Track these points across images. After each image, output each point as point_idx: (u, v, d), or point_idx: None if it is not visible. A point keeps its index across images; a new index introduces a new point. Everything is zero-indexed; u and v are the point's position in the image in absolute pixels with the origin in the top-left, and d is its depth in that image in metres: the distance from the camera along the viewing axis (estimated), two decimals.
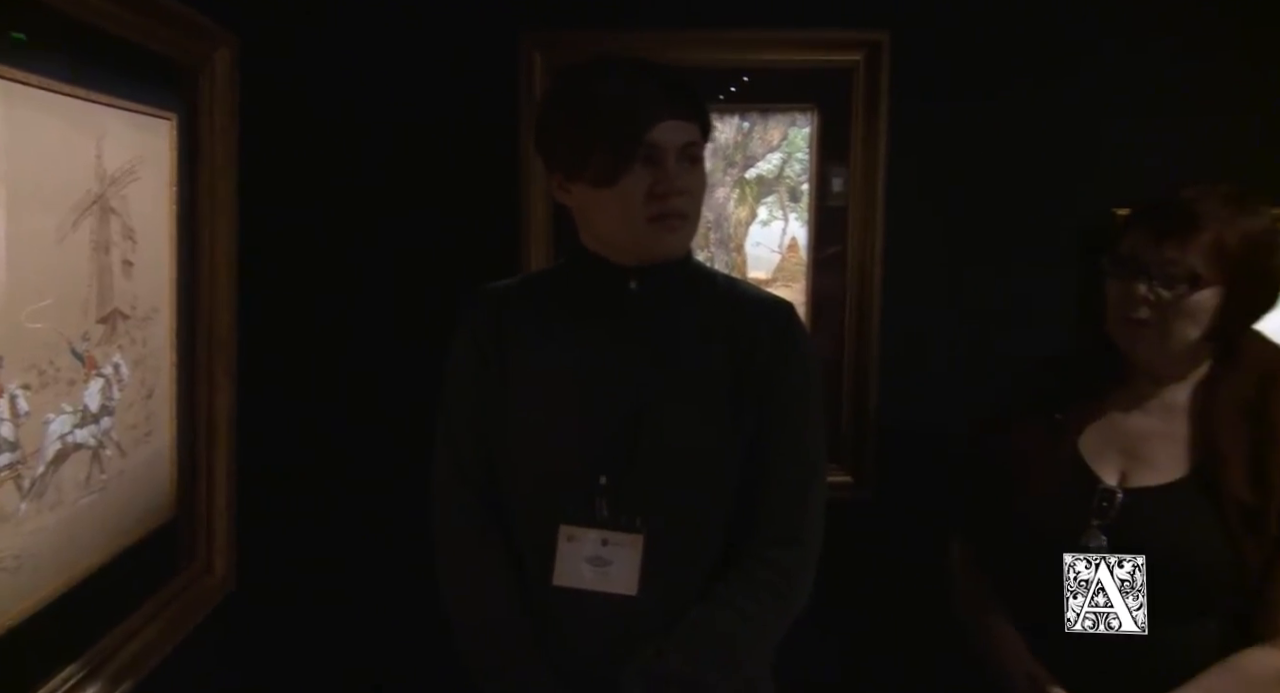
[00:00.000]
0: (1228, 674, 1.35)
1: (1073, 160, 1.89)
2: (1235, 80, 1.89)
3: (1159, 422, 1.47)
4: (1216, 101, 1.89)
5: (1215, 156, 1.88)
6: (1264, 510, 1.35)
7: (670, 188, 1.28)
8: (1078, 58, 1.87)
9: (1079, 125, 1.88)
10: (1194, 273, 1.39)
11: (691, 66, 1.77)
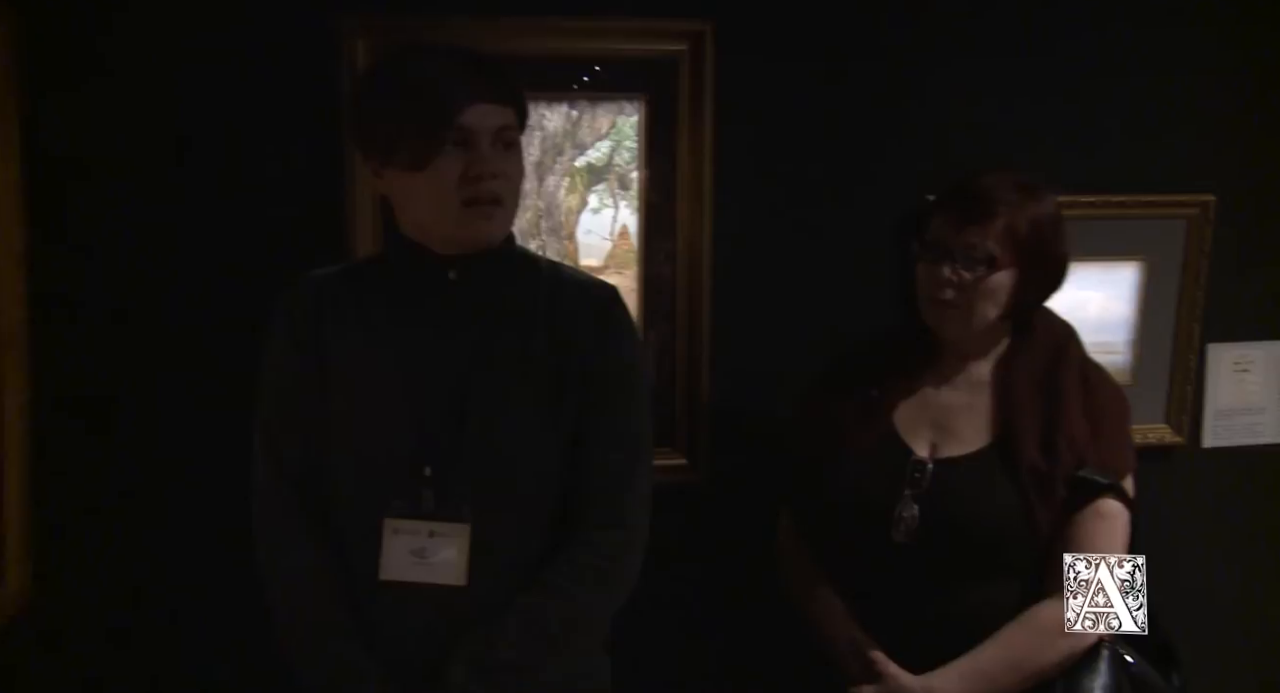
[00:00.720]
0: (1023, 627, 1.45)
1: (897, 146, 1.97)
2: (1045, 70, 2.01)
3: (965, 396, 1.57)
4: (1035, 90, 2.01)
5: (1024, 144, 2.00)
6: (1053, 476, 1.46)
7: (484, 171, 1.27)
8: (904, 45, 1.95)
9: (902, 112, 1.96)
10: (991, 256, 1.48)
11: (515, 55, 1.76)
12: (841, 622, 1.54)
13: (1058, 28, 2.01)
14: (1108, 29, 2.03)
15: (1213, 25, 2.07)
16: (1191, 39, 2.06)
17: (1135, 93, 2.06)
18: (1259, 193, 2.14)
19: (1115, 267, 2.10)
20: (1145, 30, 2.04)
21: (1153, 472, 2.19)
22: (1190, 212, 2.09)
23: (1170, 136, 2.08)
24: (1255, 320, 2.19)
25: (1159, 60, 2.06)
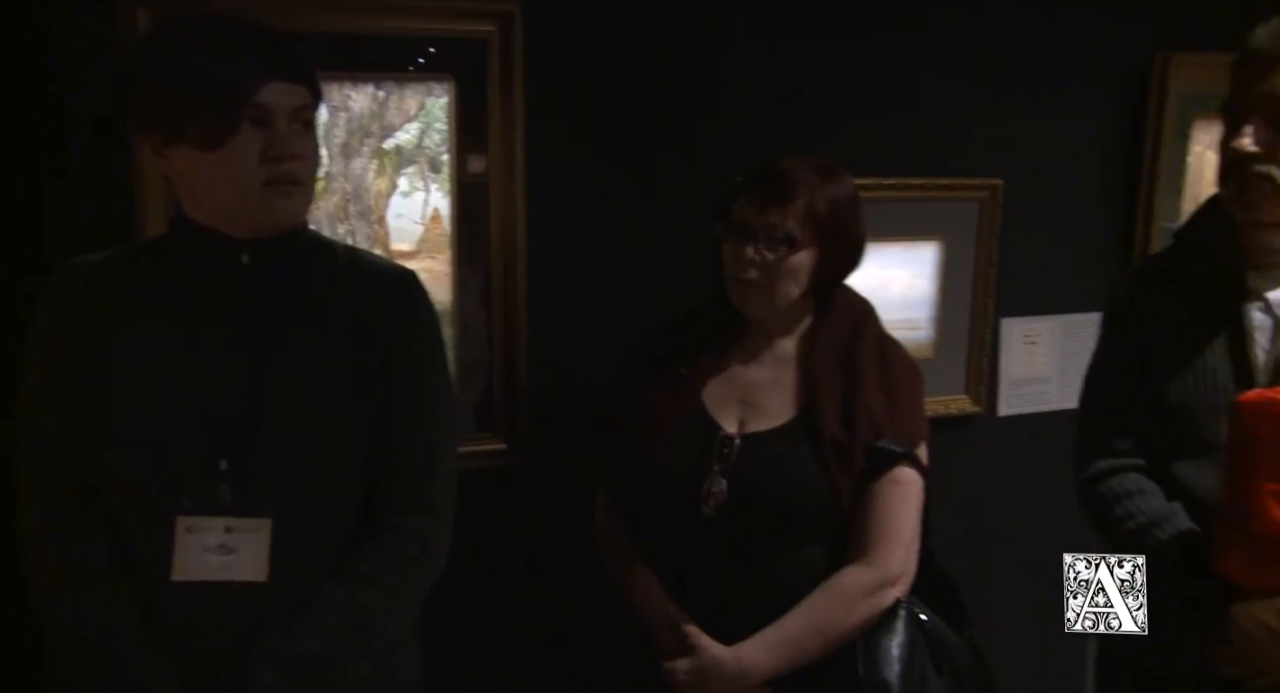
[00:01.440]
0: (826, 594, 1.50)
1: (711, 126, 2.00)
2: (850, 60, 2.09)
3: (771, 372, 1.61)
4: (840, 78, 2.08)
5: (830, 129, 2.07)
6: (852, 446, 1.52)
7: (284, 151, 1.23)
8: (715, 31, 1.98)
9: (713, 96, 2.00)
10: (792, 236, 1.53)
11: (316, 32, 1.70)
12: (657, 598, 1.57)
13: (862, 18, 2.09)
14: (908, 21, 2.13)
15: (1001, 20, 2.20)
16: (981, 33, 2.18)
17: (932, 82, 2.17)
18: (1042, 177, 2.29)
19: (916, 246, 2.21)
20: (940, 23, 2.15)
21: (955, 439, 2.34)
22: (981, 194, 2.21)
23: (963, 124, 2.20)
24: (1042, 296, 2.35)
25: (953, 52, 2.17)
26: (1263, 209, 1.41)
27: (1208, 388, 1.45)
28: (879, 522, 1.52)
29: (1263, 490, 1.28)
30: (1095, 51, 2.28)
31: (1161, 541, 1.45)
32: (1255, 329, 1.44)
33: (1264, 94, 1.38)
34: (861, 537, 1.53)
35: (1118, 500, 1.52)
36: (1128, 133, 2.33)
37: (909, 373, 1.62)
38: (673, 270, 1.98)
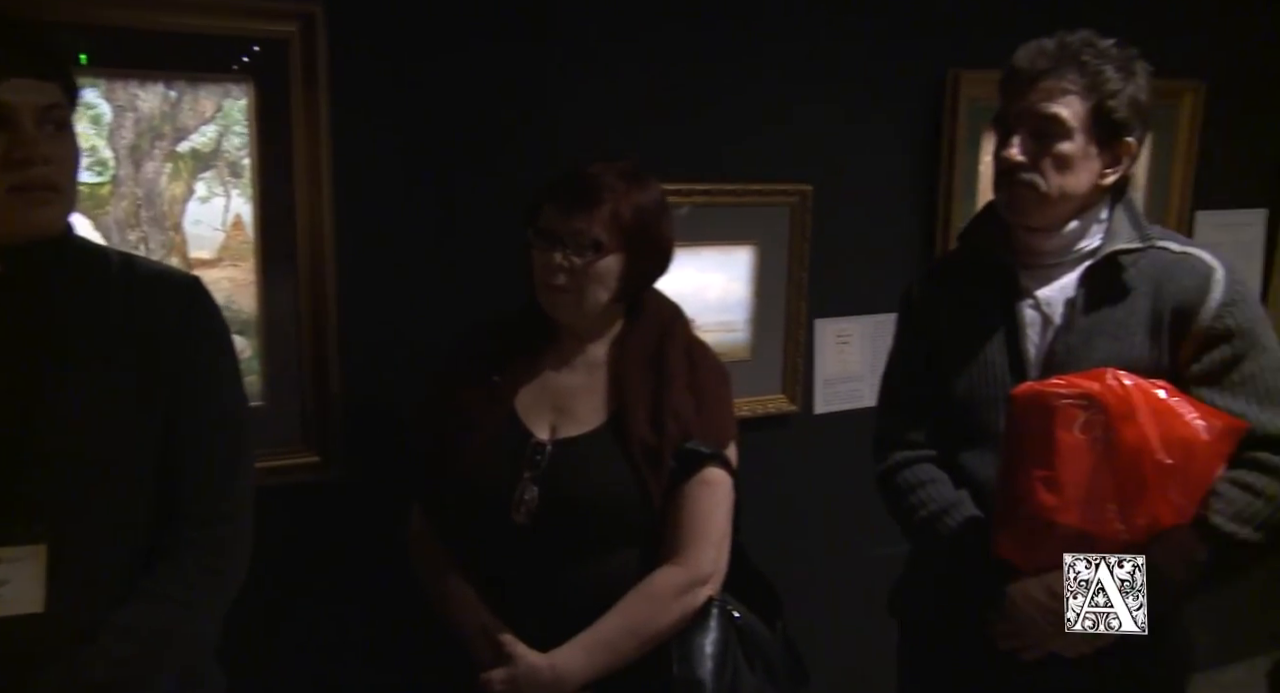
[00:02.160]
0: (639, 595, 1.52)
1: (523, 130, 2.00)
2: (667, 68, 2.12)
3: (583, 377, 1.62)
4: (657, 85, 2.11)
5: (646, 135, 2.10)
6: (661, 449, 1.54)
7: (32, 154, 1.15)
8: (527, 35, 1.98)
9: (527, 101, 2.00)
10: (598, 241, 1.54)
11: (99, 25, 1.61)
12: (471, 608, 1.55)
13: (676, 25, 2.13)
14: (720, 28, 2.18)
15: (810, 31, 2.28)
16: (791, 42, 2.26)
17: (744, 90, 2.23)
18: (850, 183, 2.39)
19: (732, 250, 2.27)
20: (751, 31, 2.22)
21: (774, 437, 2.41)
22: (792, 200, 2.29)
23: (775, 131, 2.28)
24: (853, 297, 2.45)
25: (764, 61, 2.24)
26: (1029, 214, 1.51)
27: (988, 381, 1.55)
28: (689, 522, 1.55)
29: (1032, 476, 1.37)
30: (897, 64, 2.40)
31: (949, 527, 1.54)
32: (1027, 325, 1.54)
33: (1026, 109, 1.49)
34: (673, 538, 1.55)
35: (911, 491, 1.60)
36: (927, 141, 2.46)
37: (716, 375, 1.66)
38: (489, 276, 1.97)
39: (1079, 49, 1.48)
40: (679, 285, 2.18)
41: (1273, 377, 1.44)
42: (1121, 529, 1.36)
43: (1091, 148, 1.48)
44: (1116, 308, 1.49)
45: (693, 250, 2.22)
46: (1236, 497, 1.39)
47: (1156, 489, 1.34)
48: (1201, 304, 1.45)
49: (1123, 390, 1.34)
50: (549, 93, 2.02)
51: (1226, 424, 1.37)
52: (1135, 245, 1.50)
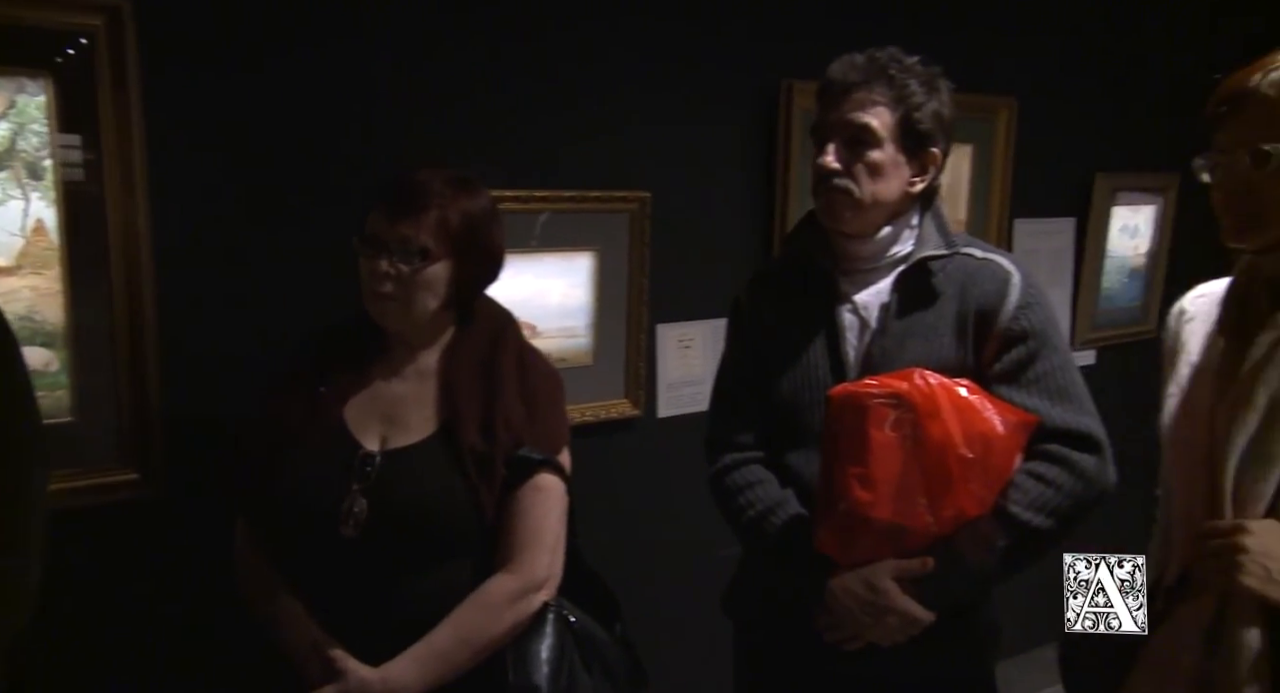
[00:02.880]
0: (472, 604, 1.51)
1: (356, 131, 1.95)
2: (504, 77, 2.11)
3: (414, 386, 1.60)
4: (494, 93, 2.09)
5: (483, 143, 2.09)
6: (492, 456, 1.53)
7: None
8: (357, 26, 1.93)
9: (358, 98, 1.95)
10: (425, 248, 1.52)
11: None
12: (300, 625, 1.50)
13: (515, 32, 2.13)
14: (560, 38, 2.19)
15: (650, 41, 2.31)
16: (630, 50, 2.29)
17: (583, 98, 2.24)
18: (689, 190, 2.43)
19: (573, 257, 2.28)
20: (591, 40, 2.23)
21: (618, 441, 2.43)
22: (631, 206, 2.32)
23: (613, 139, 2.30)
24: (694, 301, 2.50)
25: (602, 70, 2.26)
26: (844, 219, 1.57)
27: (810, 384, 1.60)
28: (522, 529, 1.55)
29: (848, 474, 1.43)
30: (733, 74, 2.45)
31: (775, 526, 1.59)
32: (846, 329, 1.61)
33: (839, 119, 1.55)
34: (506, 545, 1.55)
35: (740, 491, 1.64)
36: (763, 149, 2.53)
37: (549, 381, 1.66)
38: (319, 282, 1.91)
39: (886, 64, 1.55)
40: (519, 292, 2.19)
41: (1062, 375, 1.54)
42: (931, 521, 1.43)
43: (900, 157, 1.56)
44: (926, 311, 1.57)
45: (533, 257, 2.22)
46: (1031, 487, 1.48)
47: (960, 482, 1.41)
48: (1001, 307, 1.54)
49: (928, 389, 1.41)
50: (382, 96, 1.98)
51: (1020, 419, 1.45)
52: (942, 252, 1.58)
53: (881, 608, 1.48)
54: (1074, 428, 1.51)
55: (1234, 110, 1.30)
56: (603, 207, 2.28)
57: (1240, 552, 1.24)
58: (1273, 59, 1.29)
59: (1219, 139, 1.32)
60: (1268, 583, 1.23)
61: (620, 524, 2.44)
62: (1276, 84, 1.26)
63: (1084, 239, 3.19)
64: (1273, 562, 1.23)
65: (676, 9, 2.34)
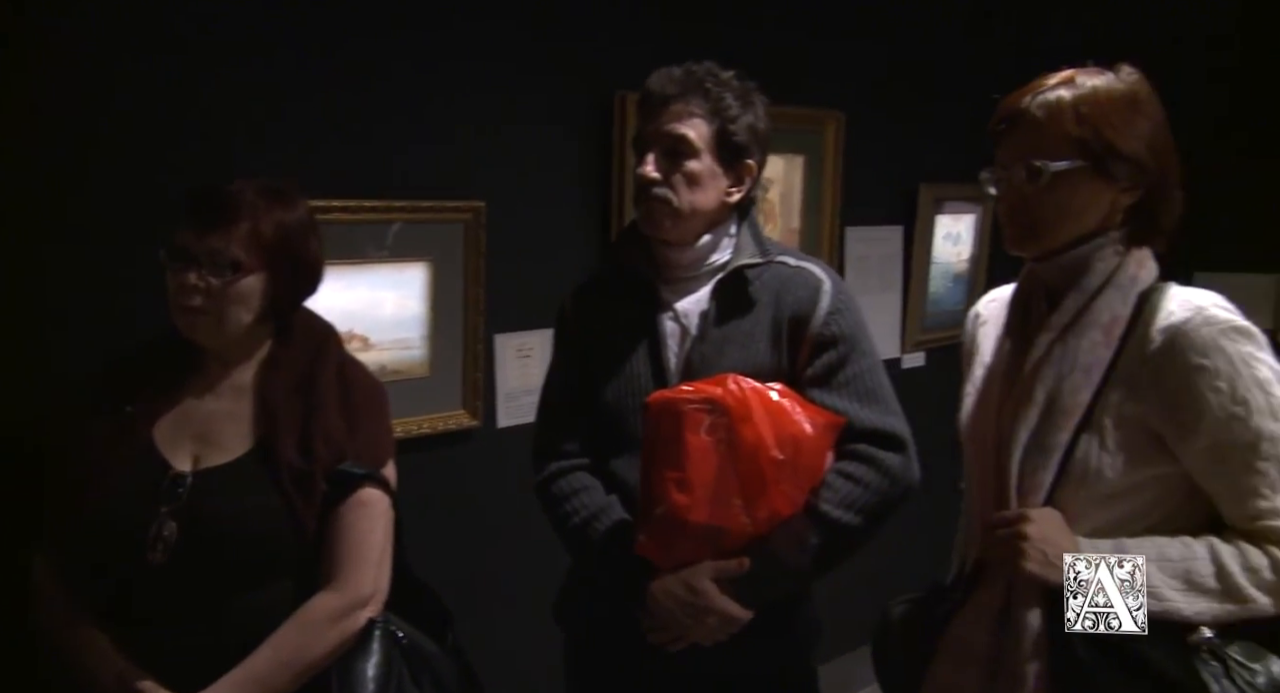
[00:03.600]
0: (293, 625, 1.47)
1: (168, 130, 1.88)
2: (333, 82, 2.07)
3: (228, 403, 1.55)
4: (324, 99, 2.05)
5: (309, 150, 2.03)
6: (312, 473, 1.50)
7: None
8: (175, 32, 1.86)
9: (180, 106, 1.88)
10: (236, 260, 1.48)
11: None
12: (105, 657, 1.44)
13: (350, 44, 2.09)
14: (389, 45, 2.16)
15: (484, 49, 2.31)
16: (462, 59, 2.28)
17: (415, 107, 2.22)
18: (525, 199, 2.44)
19: (405, 267, 2.25)
20: (423, 49, 2.21)
21: (457, 453, 2.41)
22: (465, 216, 2.31)
23: (446, 148, 2.28)
24: (532, 311, 2.50)
25: (434, 79, 2.24)
26: (664, 228, 1.62)
27: (633, 391, 1.64)
28: (345, 546, 1.52)
29: (666, 478, 1.46)
30: (568, 85, 2.48)
31: (599, 531, 1.61)
32: (667, 336, 1.65)
33: (657, 130, 1.60)
34: (328, 563, 1.52)
35: (566, 499, 1.66)
36: (599, 160, 2.56)
37: (372, 393, 1.64)
38: (129, 296, 1.83)
39: (703, 77, 1.60)
40: (351, 304, 2.15)
41: (870, 377, 1.62)
42: (747, 523, 1.48)
43: (717, 167, 1.61)
44: (744, 318, 1.62)
45: (365, 268, 2.18)
46: (841, 486, 1.55)
47: (773, 483, 1.47)
48: (813, 313, 1.61)
49: (741, 394, 1.46)
50: (201, 100, 1.91)
51: (828, 420, 1.52)
52: (758, 260, 1.64)
53: (701, 609, 1.52)
54: (880, 428, 1.58)
55: (1010, 129, 1.39)
56: (436, 216, 2.26)
57: (1022, 539, 1.33)
58: (1042, 81, 1.39)
59: (999, 155, 1.42)
60: (1046, 567, 1.32)
61: (460, 535, 2.42)
62: (1044, 105, 1.36)
63: (911, 246, 3.35)
64: (1050, 547, 1.33)
65: (510, 18, 2.35)
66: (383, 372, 2.21)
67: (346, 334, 2.13)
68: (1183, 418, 1.31)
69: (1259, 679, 1.26)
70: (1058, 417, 1.36)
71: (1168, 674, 1.27)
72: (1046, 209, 1.37)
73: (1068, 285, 1.40)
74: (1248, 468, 1.29)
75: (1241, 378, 1.29)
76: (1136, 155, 1.35)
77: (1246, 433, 1.28)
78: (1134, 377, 1.34)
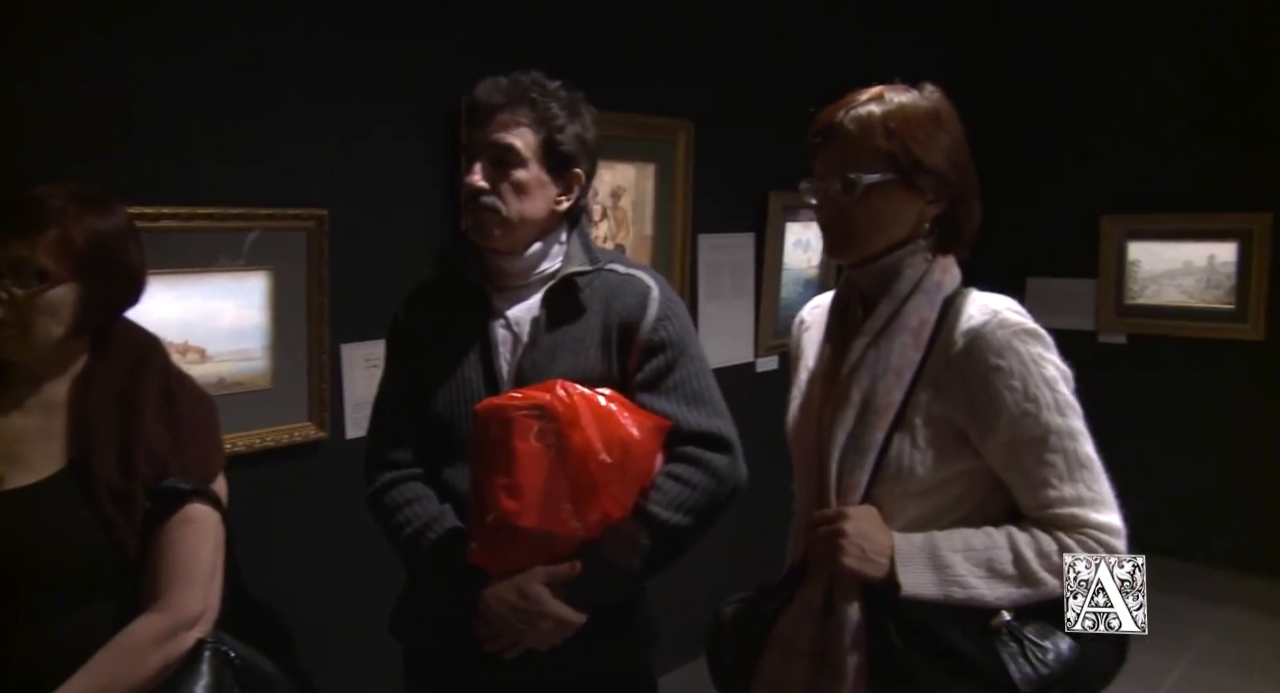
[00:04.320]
0: (112, 650, 1.41)
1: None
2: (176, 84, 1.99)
3: (39, 420, 1.48)
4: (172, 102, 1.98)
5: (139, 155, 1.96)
6: (132, 490, 1.44)
7: None
8: None
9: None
10: (43, 270, 1.41)
11: None
12: None
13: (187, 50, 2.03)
14: (226, 55, 2.10)
15: (320, 55, 2.27)
16: (301, 70, 2.24)
17: (255, 113, 2.17)
18: (370, 207, 2.41)
19: (244, 277, 2.20)
20: (260, 58, 2.16)
21: (304, 465, 2.36)
22: (308, 224, 2.27)
23: (287, 155, 2.24)
24: (380, 320, 2.45)
25: (275, 85, 2.20)
26: (493, 237, 1.63)
27: (465, 399, 1.64)
28: (171, 564, 1.47)
29: (496, 484, 1.47)
30: (413, 92, 2.46)
31: (432, 541, 1.61)
32: (500, 344, 1.66)
33: (485, 138, 1.60)
34: (153, 583, 1.46)
35: (398, 509, 1.65)
36: (445, 167, 2.55)
37: (198, 406, 1.59)
38: None
39: (529, 87, 1.62)
40: (185, 314, 2.09)
41: (697, 381, 1.66)
42: (578, 526, 1.50)
43: (545, 176, 1.62)
44: (575, 325, 1.64)
45: (199, 277, 2.12)
46: (670, 488, 1.59)
47: (603, 487, 1.49)
48: (642, 320, 1.64)
49: (569, 400, 1.48)
50: (20, 102, 1.82)
51: (655, 424, 1.56)
52: (588, 268, 1.66)
53: (535, 614, 1.53)
54: (707, 430, 1.63)
55: (825, 142, 1.46)
56: (277, 224, 2.22)
57: (841, 536, 1.39)
58: (855, 97, 1.46)
59: (817, 166, 1.48)
60: (864, 562, 1.38)
61: (308, 550, 2.37)
62: (856, 120, 1.43)
63: (762, 253, 3.45)
64: (867, 542, 1.39)
65: (352, 25, 2.32)
66: (222, 384, 2.15)
67: (182, 346, 2.07)
68: (983, 415, 1.39)
69: (1049, 656, 1.34)
70: (873, 417, 1.42)
71: (970, 657, 1.35)
72: (860, 219, 1.44)
73: (881, 291, 1.47)
74: (1039, 461, 1.38)
75: (1032, 376, 1.38)
76: (940, 169, 1.43)
77: (1037, 428, 1.37)
78: (940, 377, 1.41)
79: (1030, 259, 4.35)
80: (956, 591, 1.37)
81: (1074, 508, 1.37)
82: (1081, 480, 1.38)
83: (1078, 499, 1.37)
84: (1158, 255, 4.28)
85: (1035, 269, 4.36)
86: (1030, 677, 1.33)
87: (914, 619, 1.37)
